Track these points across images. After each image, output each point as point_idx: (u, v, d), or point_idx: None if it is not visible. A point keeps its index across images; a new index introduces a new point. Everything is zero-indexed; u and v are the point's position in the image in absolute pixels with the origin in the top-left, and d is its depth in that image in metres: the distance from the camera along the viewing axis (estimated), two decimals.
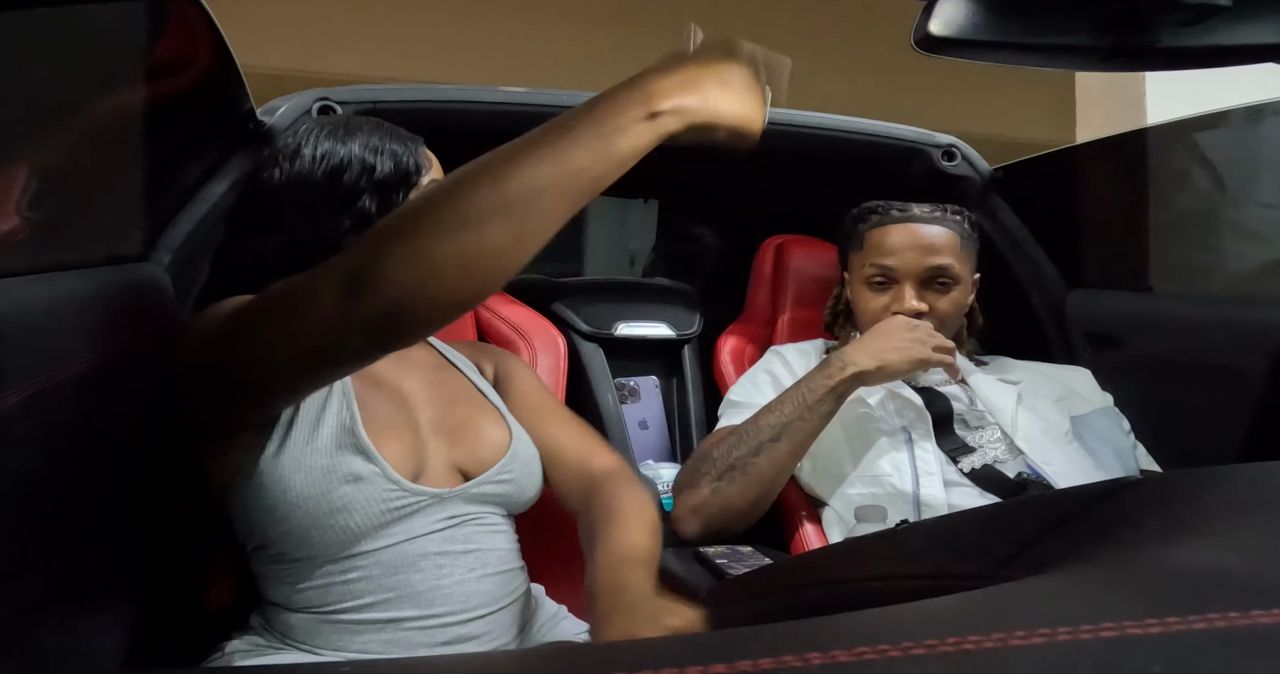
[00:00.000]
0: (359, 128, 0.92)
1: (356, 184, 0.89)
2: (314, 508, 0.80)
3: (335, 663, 0.27)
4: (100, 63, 0.77)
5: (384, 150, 0.91)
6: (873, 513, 1.08)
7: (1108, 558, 0.38)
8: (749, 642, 0.28)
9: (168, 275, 0.96)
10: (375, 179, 0.89)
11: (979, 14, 0.58)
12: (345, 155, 0.90)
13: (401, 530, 0.83)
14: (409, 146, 0.93)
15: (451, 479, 0.89)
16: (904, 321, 1.20)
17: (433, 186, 0.61)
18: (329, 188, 0.89)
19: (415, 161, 0.92)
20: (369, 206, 0.89)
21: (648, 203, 2.11)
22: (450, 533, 0.86)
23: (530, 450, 0.96)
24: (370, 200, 0.89)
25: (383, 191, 0.90)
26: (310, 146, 0.90)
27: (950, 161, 1.45)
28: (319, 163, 0.89)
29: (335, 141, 0.90)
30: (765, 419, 1.16)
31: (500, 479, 0.91)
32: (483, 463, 0.91)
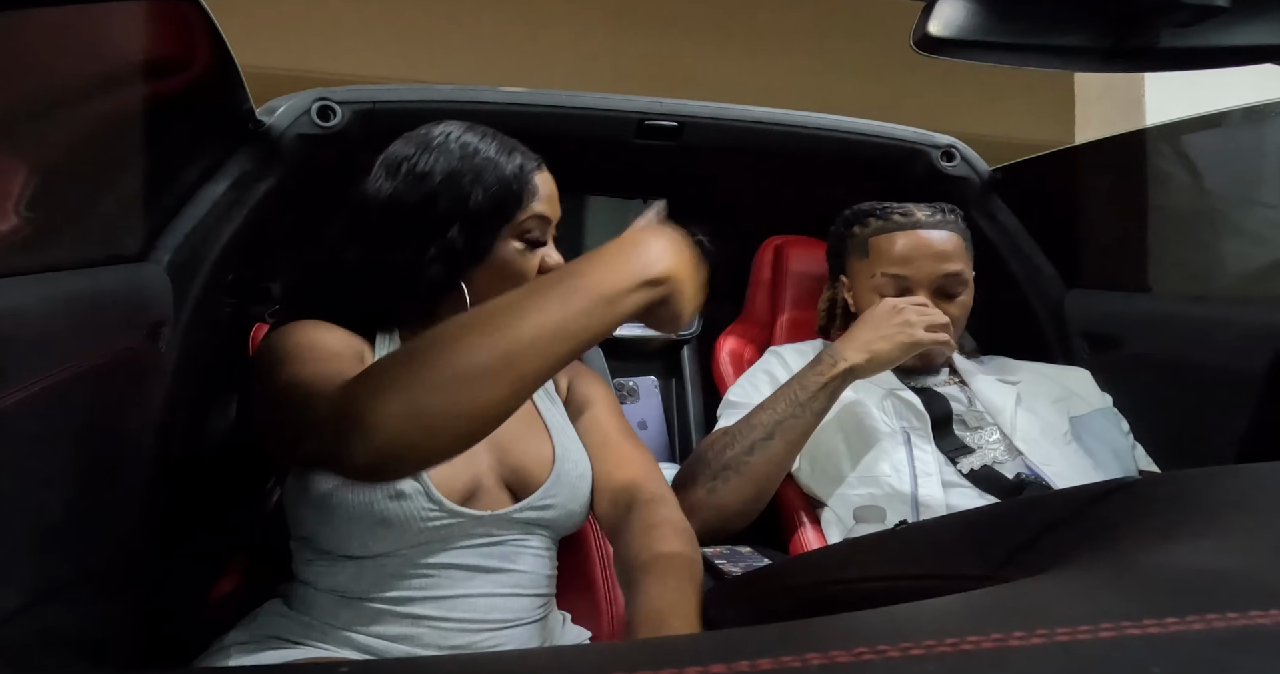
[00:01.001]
0: (464, 147, 0.89)
1: (450, 211, 0.87)
2: (356, 516, 0.81)
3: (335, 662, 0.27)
4: (100, 63, 0.77)
5: (486, 180, 0.88)
6: (871, 513, 1.08)
7: (1106, 559, 0.38)
8: (748, 642, 0.28)
9: (167, 275, 0.96)
10: (469, 209, 0.87)
11: (978, 15, 0.58)
12: (443, 180, 0.87)
13: (440, 543, 0.85)
14: (519, 174, 0.90)
15: (501, 498, 0.89)
16: (890, 306, 1.18)
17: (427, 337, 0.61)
18: (421, 212, 0.87)
19: (520, 192, 0.89)
20: (456, 238, 0.87)
21: (646, 204, 2.11)
22: (489, 550, 0.87)
23: (577, 472, 0.94)
24: (460, 232, 0.87)
25: (475, 224, 0.88)
26: (414, 163, 0.88)
27: (949, 162, 1.45)
28: (415, 183, 0.87)
29: (444, 155, 0.88)
30: (758, 418, 1.16)
31: (543, 504, 0.90)
32: (528, 484, 0.91)
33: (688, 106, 1.34)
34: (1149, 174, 1.37)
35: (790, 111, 1.39)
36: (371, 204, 0.89)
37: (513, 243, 0.90)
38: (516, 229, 0.90)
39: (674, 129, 1.34)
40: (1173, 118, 1.31)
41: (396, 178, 0.89)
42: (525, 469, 0.91)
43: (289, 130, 1.13)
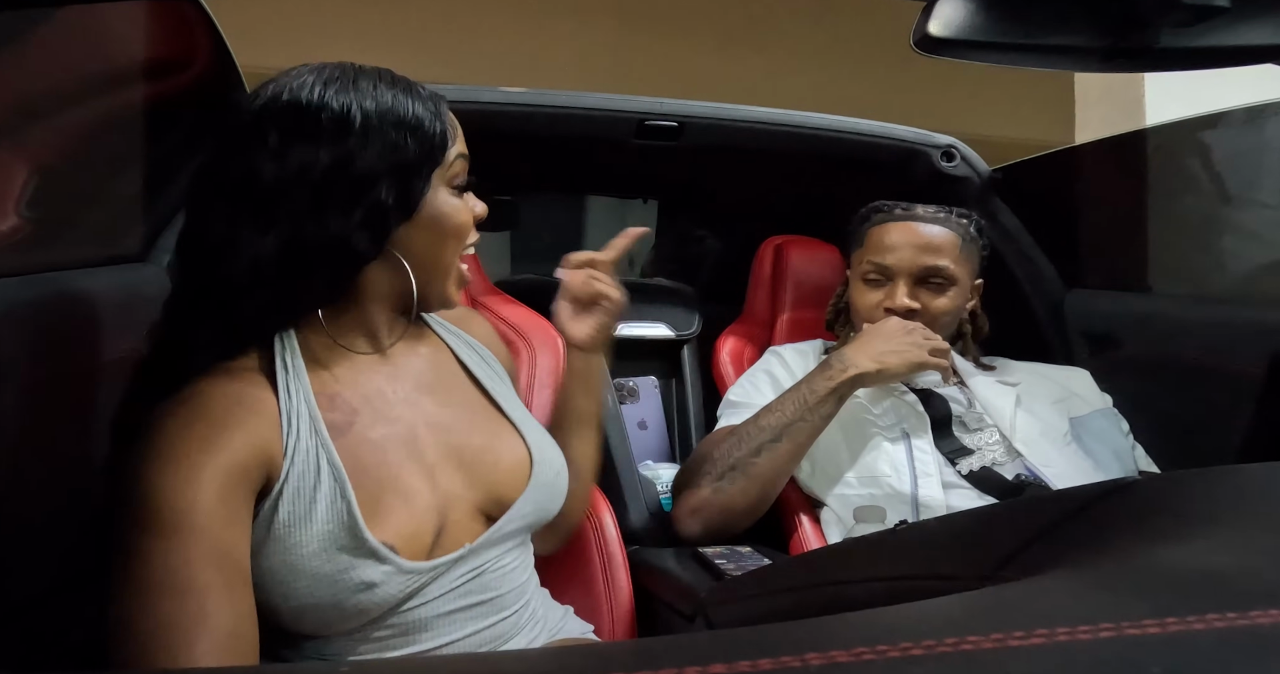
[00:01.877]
0: (372, 87, 0.74)
1: (372, 169, 0.71)
2: (321, 611, 0.70)
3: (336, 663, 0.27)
4: (100, 63, 0.77)
5: (407, 119, 0.73)
6: (871, 513, 1.08)
7: (1106, 559, 0.38)
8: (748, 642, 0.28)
9: (167, 275, 0.96)
10: (395, 162, 0.73)
11: (978, 15, 0.58)
12: (359, 128, 0.71)
13: (417, 599, 0.75)
14: (433, 110, 0.76)
15: (474, 526, 0.80)
16: (900, 324, 1.21)
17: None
18: (338, 174, 0.71)
19: (443, 131, 0.76)
20: (385, 197, 0.72)
21: (647, 203, 2.11)
22: (468, 586, 0.78)
23: (554, 470, 0.88)
24: (388, 189, 0.73)
25: (403, 176, 0.74)
26: (312, 115, 0.71)
27: (949, 162, 1.45)
28: (325, 139, 0.71)
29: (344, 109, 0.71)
30: (766, 419, 1.16)
31: (521, 513, 0.83)
32: (503, 500, 0.82)
33: (688, 106, 1.34)
34: (1149, 174, 1.37)
35: (790, 111, 1.39)
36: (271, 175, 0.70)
37: (443, 190, 0.77)
38: (445, 175, 0.77)
39: (674, 129, 1.34)
40: (1172, 118, 1.32)
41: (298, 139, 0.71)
42: (500, 485, 0.83)
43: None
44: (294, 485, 0.70)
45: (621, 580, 1.12)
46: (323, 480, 0.70)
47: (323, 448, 0.72)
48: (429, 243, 0.78)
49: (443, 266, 0.80)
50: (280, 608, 0.70)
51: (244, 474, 0.67)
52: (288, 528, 0.68)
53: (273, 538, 0.68)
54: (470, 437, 0.83)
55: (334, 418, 0.74)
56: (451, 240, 0.79)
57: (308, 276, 0.73)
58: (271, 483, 0.70)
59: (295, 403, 0.73)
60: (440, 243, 0.79)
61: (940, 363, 1.19)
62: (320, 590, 0.69)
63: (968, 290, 1.30)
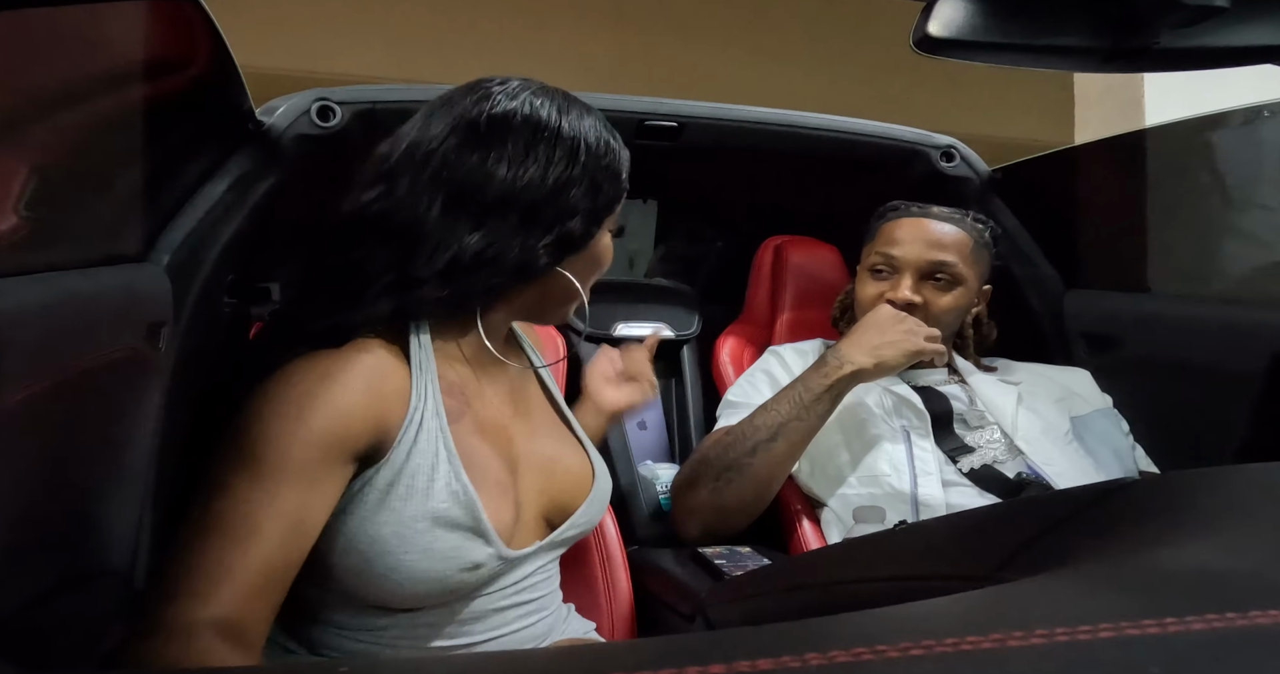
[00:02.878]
0: (592, 124, 0.82)
1: (576, 204, 0.80)
2: (421, 584, 0.74)
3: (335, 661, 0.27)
4: (99, 63, 0.77)
5: (613, 167, 0.83)
6: (871, 513, 1.08)
7: (1106, 559, 0.38)
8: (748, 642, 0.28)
9: (166, 276, 0.96)
10: (594, 204, 0.81)
11: (978, 15, 0.58)
12: (582, 163, 0.80)
13: (484, 590, 0.81)
14: (626, 161, 0.85)
15: (538, 528, 0.86)
16: (892, 313, 1.20)
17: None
18: (552, 199, 0.79)
19: (627, 184, 0.85)
20: (576, 228, 0.81)
21: (646, 203, 2.11)
22: (521, 584, 0.84)
23: (606, 486, 0.93)
24: (581, 222, 0.81)
25: (594, 215, 0.82)
26: (550, 138, 0.79)
27: (949, 162, 1.45)
28: (555, 164, 0.79)
29: (578, 134, 0.80)
30: (761, 419, 1.16)
31: (576, 524, 0.89)
32: (565, 508, 0.88)
33: (688, 107, 1.34)
34: (1148, 175, 1.37)
35: (790, 112, 1.39)
36: (497, 187, 0.77)
37: (606, 232, 0.87)
38: (613, 219, 0.87)
39: (674, 129, 1.34)
40: (1172, 118, 1.32)
41: (531, 158, 0.78)
42: (565, 493, 0.88)
43: (289, 130, 1.13)
44: (415, 461, 0.74)
45: (621, 580, 1.12)
46: (441, 462, 0.75)
47: (443, 431, 0.76)
48: (582, 271, 0.85)
49: (578, 295, 0.87)
50: (384, 576, 0.73)
51: (351, 441, 0.71)
52: (404, 501, 0.72)
53: (387, 508, 0.72)
54: (545, 444, 0.89)
55: (451, 405, 0.79)
56: (593, 274, 0.88)
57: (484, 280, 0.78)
58: (381, 452, 0.73)
59: (424, 383, 0.77)
60: (589, 275, 0.87)
61: (937, 348, 1.18)
62: (428, 565, 0.73)
63: (974, 293, 1.29)
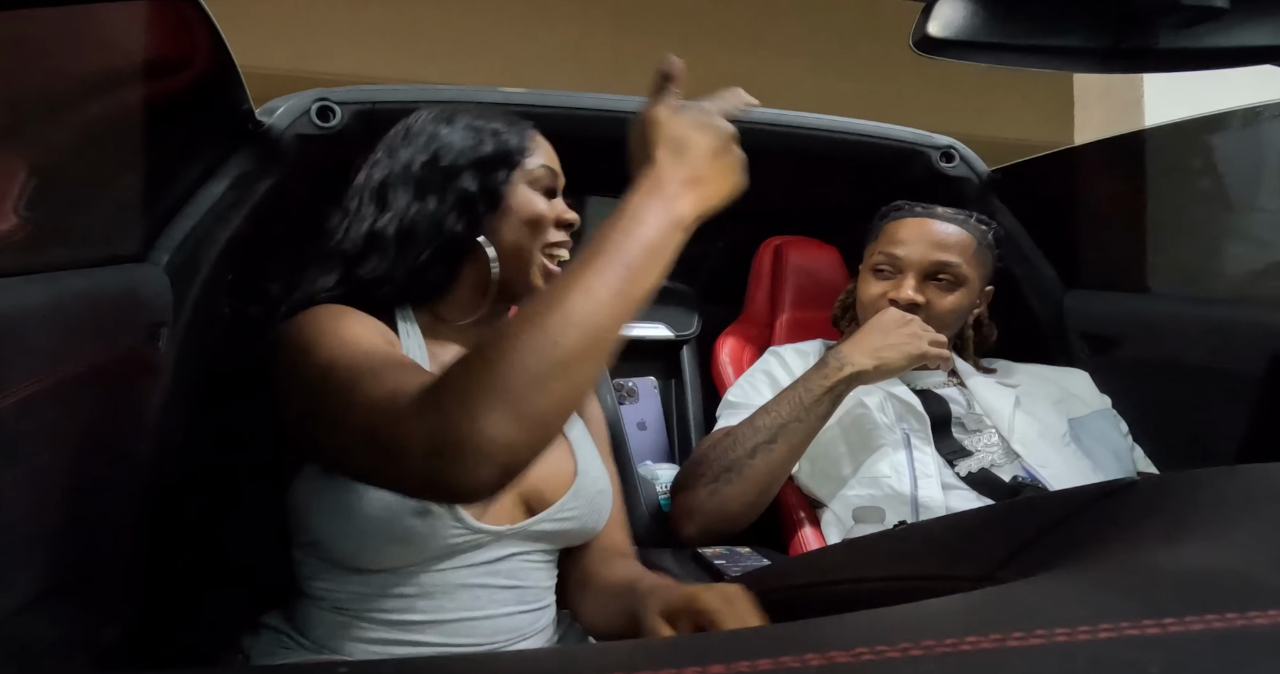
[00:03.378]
0: (462, 113, 0.95)
1: (456, 163, 0.90)
2: (374, 531, 0.78)
3: (334, 662, 0.27)
4: (99, 63, 0.77)
5: (485, 130, 0.92)
6: (871, 514, 1.08)
7: (1105, 559, 0.38)
8: (747, 642, 0.28)
9: (166, 276, 0.96)
10: (476, 158, 0.90)
11: (977, 15, 0.58)
12: (447, 134, 0.92)
13: (452, 562, 0.83)
14: (514, 127, 0.94)
15: (515, 513, 0.87)
16: (897, 316, 1.20)
17: (501, 336, 0.58)
18: (431, 168, 0.90)
19: (520, 142, 0.93)
20: (470, 186, 0.89)
21: None
22: (496, 566, 0.85)
23: (597, 488, 0.93)
24: (471, 179, 0.90)
25: (484, 169, 0.90)
26: (415, 134, 0.93)
27: (949, 163, 1.45)
28: (422, 147, 0.91)
29: (438, 125, 0.93)
30: (762, 420, 1.16)
31: (561, 517, 0.89)
32: (545, 498, 0.89)
33: None
34: (1148, 175, 1.37)
35: (790, 112, 1.39)
36: (381, 176, 0.92)
37: (524, 187, 0.92)
38: (527, 175, 0.92)
39: None
40: (1172, 119, 1.32)
41: (404, 147, 0.92)
42: (544, 481, 0.89)
43: (289, 130, 1.13)
44: None
45: None
46: None
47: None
48: (510, 231, 0.91)
49: (522, 256, 0.91)
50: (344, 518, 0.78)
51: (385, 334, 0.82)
52: None
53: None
54: None
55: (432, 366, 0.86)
56: (527, 229, 0.91)
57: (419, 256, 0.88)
58: None
59: (410, 335, 0.89)
60: (518, 234, 0.91)
61: (941, 353, 1.18)
62: (385, 503, 0.77)
63: (976, 294, 1.29)
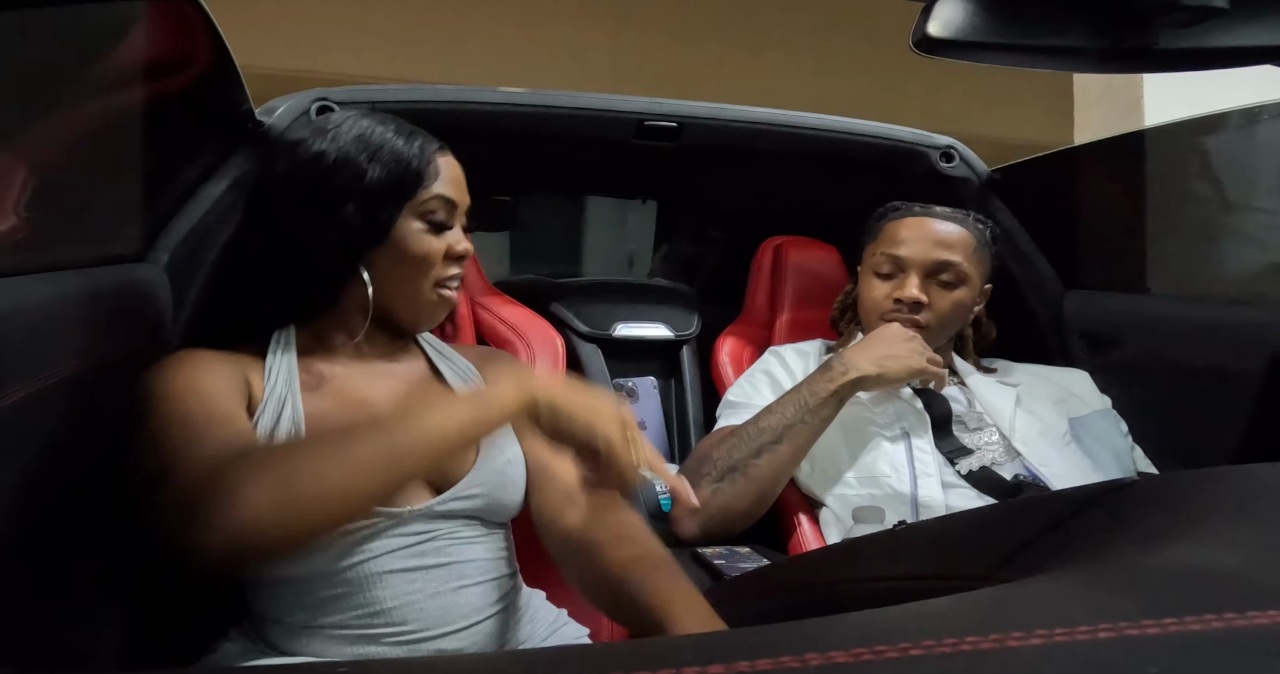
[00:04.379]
0: (361, 128, 0.87)
1: (344, 188, 0.84)
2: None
3: (334, 663, 0.27)
4: (99, 62, 0.77)
5: (383, 152, 0.85)
6: (871, 514, 1.08)
7: (1105, 559, 0.38)
8: (747, 642, 0.28)
9: (166, 275, 0.96)
10: (364, 187, 0.84)
11: (977, 15, 0.58)
12: (338, 156, 0.85)
13: (363, 551, 0.80)
14: (419, 153, 0.87)
15: (418, 494, 0.84)
16: (902, 331, 1.21)
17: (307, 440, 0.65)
18: (315, 190, 0.85)
19: (418, 168, 0.86)
20: (352, 218, 0.84)
21: (646, 204, 2.11)
22: (420, 547, 0.83)
23: (504, 458, 0.90)
24: (355, 210, 0.84)
25: (370, 201, 0.85)
26: (306, 145, 0.87)
27: (948, 163, 1.45)
28: (310, 163, 0.86)
29: (329, 141, 0.86)
30: (766, 421, 1.16)
31: (467, 495, 0.86)
32: (448, 475, 0.86)
33: (687, 107, 1.34)
34: (1148, 175, 1.37)
35: (790, 112, 1.39)
36: (268, 188, 0.89)
37: (414, 223, 0.87)
38: (417, 209, 0.87)
39: (674, 129, 1.34)
40: (1172, 119, 1.32)
41: (293, 160, 0.87)
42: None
43: (289, 130, 1.13)
44: (264, 424, 0.81)
45: None
46: (283, 421, 0.82)
47: (291, 394, 0.84)
48: (392, 268, 0.88)
49: (407, 293, 0.89)
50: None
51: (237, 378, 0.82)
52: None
53: None
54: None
55: (306, 379, 0.87)
56: (415, 269, 0.88)
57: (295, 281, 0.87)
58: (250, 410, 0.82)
59: (279, 361, 0.86)
60: (403, 269, 0.88)
61: (939, 373, 1.19)
62: None
63: (977, 292, 1.30)
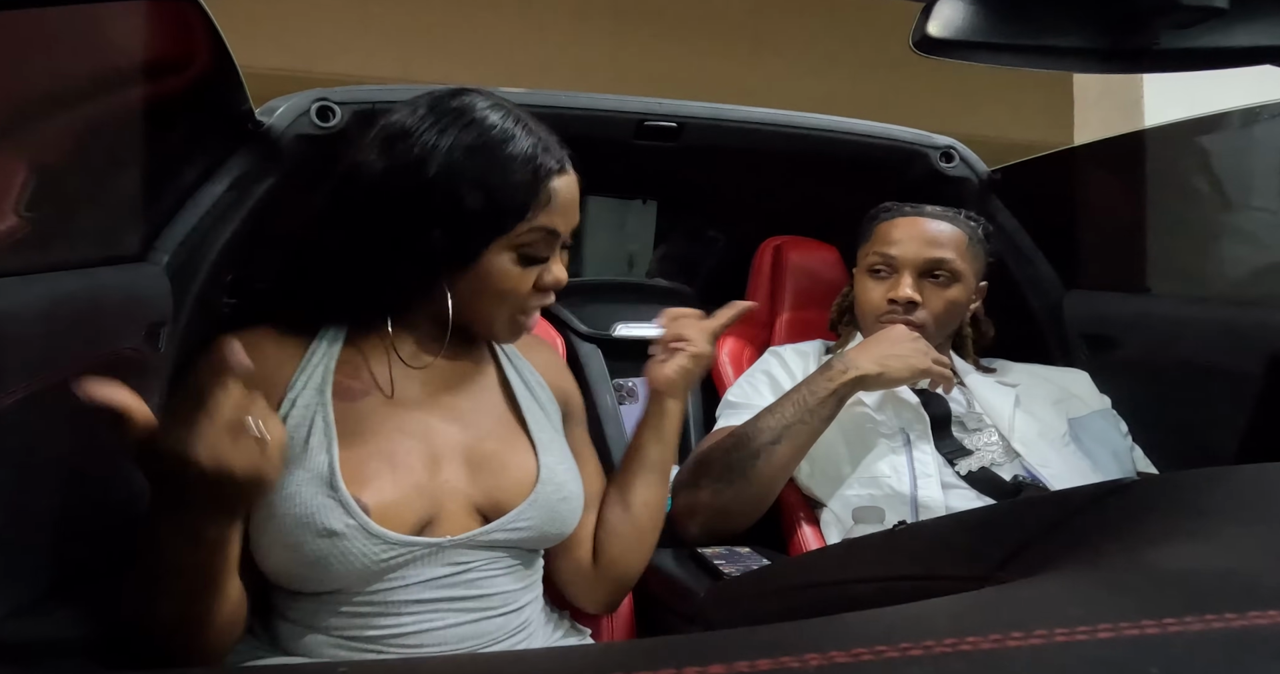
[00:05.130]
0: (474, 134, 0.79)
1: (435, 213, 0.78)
2: (289, 556, 0.75)
3: (333, 663, 0.27)
4: (99, 63, 0.77)
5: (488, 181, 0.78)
6: (870, 514, 1.08)
7: (1104, 559, 0.38)
8: (747, 643, 0.28)
9: (166, 275, 0.96)
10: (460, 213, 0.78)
11: (977, 15, 0.58)
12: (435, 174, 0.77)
13: (394, 579, 0.78)
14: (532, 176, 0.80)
15: (466, 522, 0.82)
16: (906, 332, 1.21)
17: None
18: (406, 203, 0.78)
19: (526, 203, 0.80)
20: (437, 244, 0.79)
21: (646, 204, 2.11)
22: (453, 579, 0.80)
23: (560, 495, 0.87)
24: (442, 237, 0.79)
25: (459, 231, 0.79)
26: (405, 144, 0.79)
27: (948, 163, 1.45)
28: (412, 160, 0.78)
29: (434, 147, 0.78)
30: (765, 421, 1.16)
31: (515, 526, 0.83)
32: (501, 506, 0.83)
33: (687, 107, 1.34)
34: (1147, 175, 1.37)
35: (790, 112, 1.39)
36: (358, 179, 0.80)
37: (505, 255, 0.82)
38: (513, 242, 0.81)
39: (674, 129, 1.34)
40: (1171, 119, 1.32)
41: (392, 153, 0.79)
42: (501, 490, 0.84)
43: (288, 130, 1.13)
44: (290, 429, 0.77)
45: None
46: (315, 432, 0.77)
47: (322, 406, 0.79)
48: (474, 294, 0.84)
49: (484, 317, 0.86)
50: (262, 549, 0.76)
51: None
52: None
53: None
54: (484, 441, 0.87)
55: (348, 384, 0.82)
56: (494, 300, 0.84)
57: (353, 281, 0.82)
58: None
59: (315, 363, 0.82)
60: (483, 298, 0.84)
61: (944, 373, 1.18)
62: (286, 527, 0.74)
63: (971, 290, 1.30)
